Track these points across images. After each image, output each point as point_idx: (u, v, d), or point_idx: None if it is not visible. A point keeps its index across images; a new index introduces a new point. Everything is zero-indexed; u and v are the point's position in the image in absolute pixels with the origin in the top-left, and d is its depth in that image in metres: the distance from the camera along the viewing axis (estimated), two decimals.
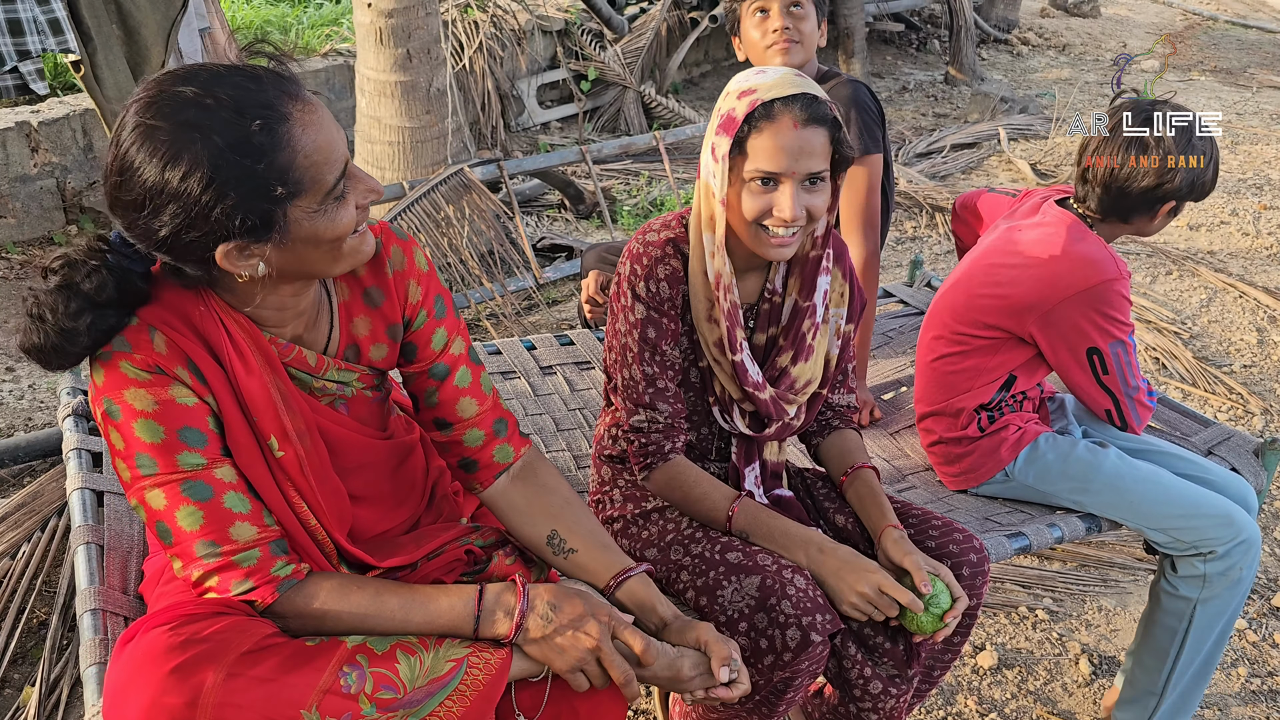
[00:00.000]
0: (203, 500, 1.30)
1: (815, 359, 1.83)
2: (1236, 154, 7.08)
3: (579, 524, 1.57)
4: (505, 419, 1.61)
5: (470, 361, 1.59)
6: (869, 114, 2.57)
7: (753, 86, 1.64)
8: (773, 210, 1.63)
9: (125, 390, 1.27)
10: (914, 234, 5.60)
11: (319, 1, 7.48)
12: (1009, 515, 2.23)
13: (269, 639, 1.29)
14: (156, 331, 1.29)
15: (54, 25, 3.11)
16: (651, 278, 1.74)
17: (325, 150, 1.23)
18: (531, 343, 2.84)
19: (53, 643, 2.47)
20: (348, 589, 1.38)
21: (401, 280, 1.50)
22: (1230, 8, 13.19)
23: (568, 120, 7.21)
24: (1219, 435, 2.46)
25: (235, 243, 1.21)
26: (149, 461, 1.29)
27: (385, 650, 1.31)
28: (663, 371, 1.76)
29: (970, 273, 2.28)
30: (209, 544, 1.30)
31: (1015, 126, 7.39)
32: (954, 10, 8.77)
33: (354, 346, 1.49)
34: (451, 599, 1.38)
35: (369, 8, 4.38)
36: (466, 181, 4.50)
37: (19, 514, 2.84)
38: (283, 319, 1.39)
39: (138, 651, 1.25)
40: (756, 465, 1.88)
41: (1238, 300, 4.88)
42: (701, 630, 1.47)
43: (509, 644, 1.38)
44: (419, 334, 1.53)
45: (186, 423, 1.30)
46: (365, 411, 1.54)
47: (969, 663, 2.68)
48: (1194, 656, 2.24)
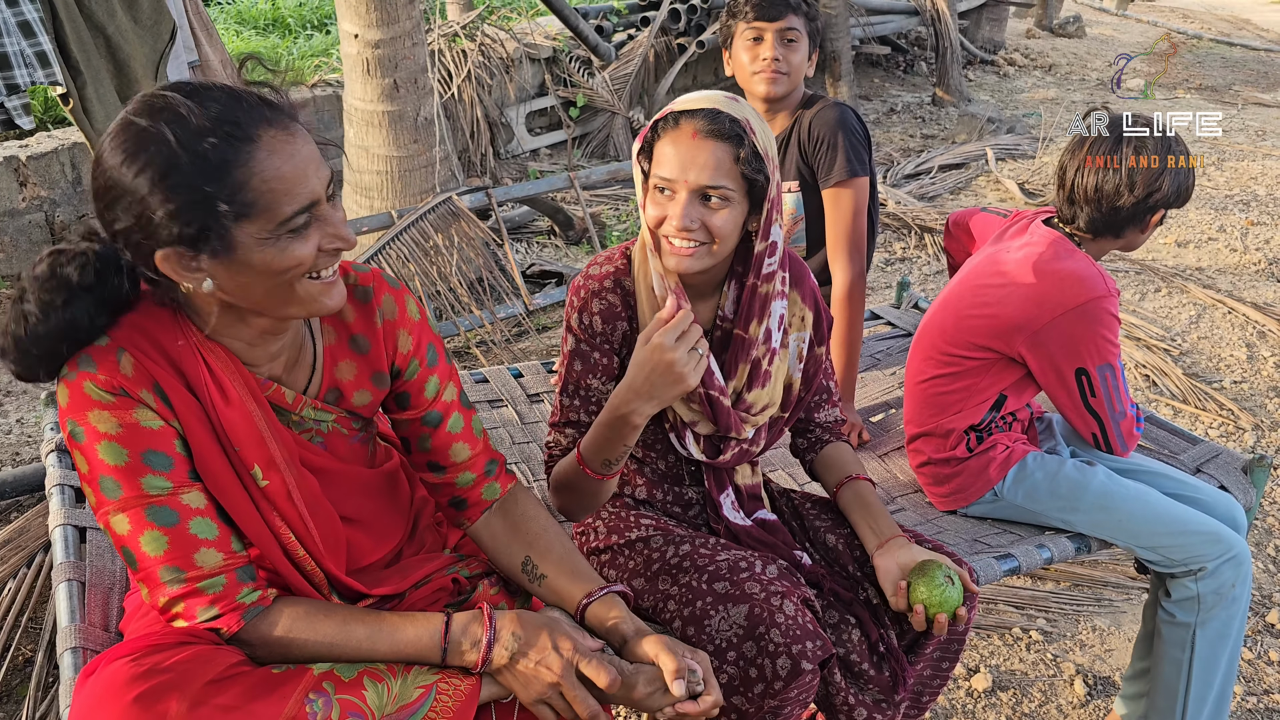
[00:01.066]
0: (168, 525, 1.29)
1: (773, 384, 1.83)
2: (1223, 170, 7.12)
3: (551, 550, 1.57)
4: (495, 459, 1.62)
5: (462, 407, 1.60)
6: (855, 137, 2.59)
7: (676, 101, 1.67)
8: (668, 218, 1.64)
9: (89, 412, 1.26)
10: (903, 255, 5.61)
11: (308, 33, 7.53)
12: (998, 536, 2.22)
13: (234, 668, 1.27)
14: (124, 353, 1.28)
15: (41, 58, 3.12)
16: (585, 311, 1.76)
17: (287, 180, 1.21)
18: (519, 370, 2.84)
19: (38, 680, 2.44)
20: (314, 617, 1.37)
21: (391, 330, 1.50)
22: (1214, 26, 13.32)
23: (557, 147, 7.24)
24: (1207, 453, 2.46)
25: (175, 249, 1.20)
26: (113, 485, 1.27)
27: (353, 677, 1.31)
28: (583, 405, 1.79)
29: (958, 294, 2.28)
30: (173, 569, 1.29)
31: (1003, 147, 7.44)
32: (940, 33, 8.86)
33: (336, 390, 1.49)
34: (418, 629, 1.37)
35: (356, 39, 4.40)
36: (455, 209, 4.51)
37: (4, 550, 2.82)
38: (255, 356, 1.38)
39: (99, 683, 1.24)
40: (730, 491, 1.88)
41: (1227, 316, 4.90)
42: (650, 643, 1.44)
43: (479, 673, 1.37)
44: (412, 383, 1.53)
45: (151, 446, 1.28)
46: (345, 449, 1.54)
47: (963, 685, 2.66)
48: (1205, 690, 2.20)
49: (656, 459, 1.90)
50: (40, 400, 3.73)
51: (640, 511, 1.91)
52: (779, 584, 1.66)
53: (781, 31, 2.52)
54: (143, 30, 3.38)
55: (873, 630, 1.74)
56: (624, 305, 1.77)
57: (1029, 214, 2.33)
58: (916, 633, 1.77)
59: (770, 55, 2.52)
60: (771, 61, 2.53)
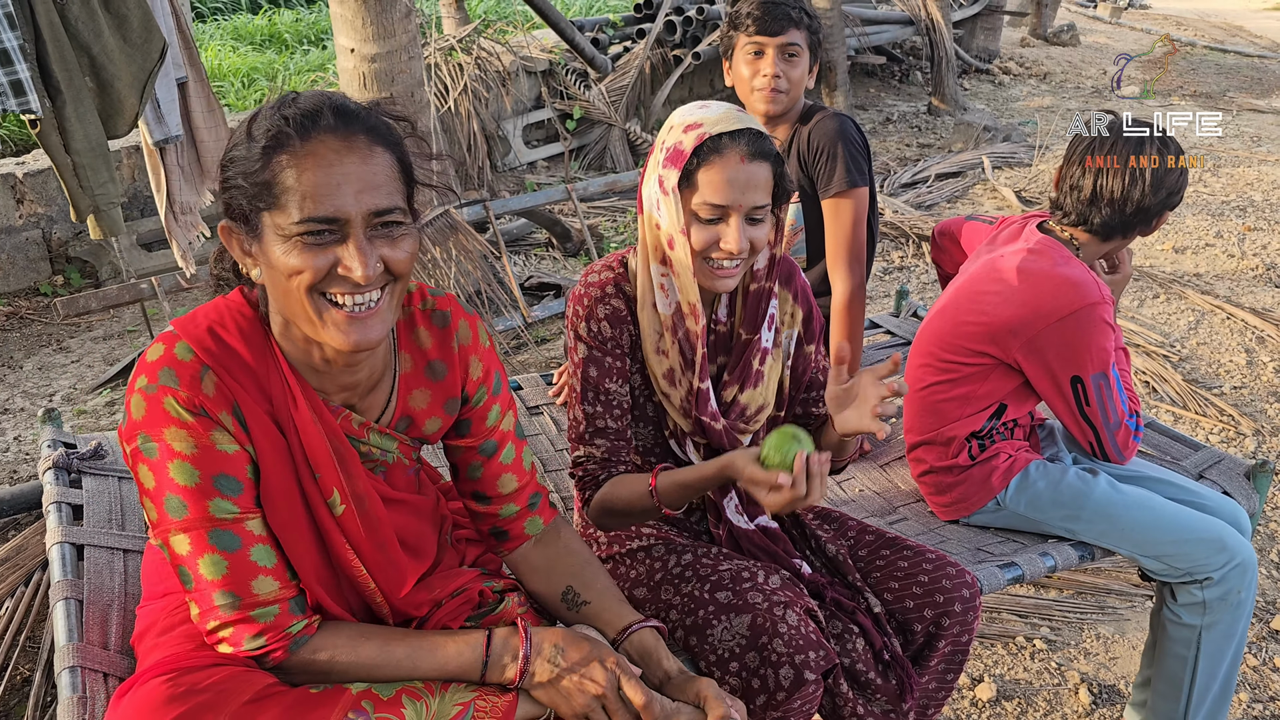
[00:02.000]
0: (230, 550, 1.28)
1: (765, 385, 1.84)
2: (1219, 176, 7.13)
3: (596, 581, 1.58)
4: (540, 492, 1.62)
5: (516, 438, 1.60)
6: (855, 147, 2.58)
7: (698, 120, 1.65)
8: (719, 243, 1.64)
9: (166, 429, 1.24)
10: (900, 264, 5.62)
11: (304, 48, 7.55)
12: (1001, 545, 2.21)
13: (270, 688, 1.27)
14: (209, 371, 1.27)
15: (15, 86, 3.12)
16: (592, 318, 1.75)
17: (313, 186, 1.20)
18: (518, 383, 2.83)
19: (36, 700, 2.42)
20: (356, 641, 1.37)
21: (465, 356, 1.50)
22: (1208, 33, 13.37)
23: (554, 159, 7.25)
24: (1210, 459, 2.45)
25: (231, 221, 1.27)
26: (179, 505, 1.26)
27: (390, 696, 1.30)
28: (606, 410, 1.77)
29: (955, 301, 2.28)
30: (229, 594, 1.28)
31: (999, 155, 7.45)
32: (935, 42, 8.88)
33: (408, 418, 1.48)
34: (459, 645, 1.37)
35: (352, 53, 4.40)
36: (453, 223, 4.50)
37: (2, 569, 2.80)
38: (325, 383, 1.37)
39: (136, 702, 1.24)
40: (733, 495, 1.87)
41: (1226, 322, 4.90)
42: (702, 686, 1.44)
43: (515, 689, 1.37)
44: (477, 410, 1.53)
45: (224, 469, 1.27)
46: (402, 480, 1.53)
47: (967, 695, 2.65)
48: (1209, 683, 2.21)
49: (656, 464, 1.90)
50: (37, 418, 3.72)
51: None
52: (782, 594, 1.65)
53: (783, 46, 2.52)
54: (132, 49, 3.38)
55: (876, 639, 1.73)
56: (628, 309, 1.77)
57: (1018, 218, 2.33)
58: (920, 643, 1.76)
59: (771, 71, 2.52)
60: (772, 79, 2.52)
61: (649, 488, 1.69)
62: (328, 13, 8.11)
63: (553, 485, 2.42)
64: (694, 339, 1.73)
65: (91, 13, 3.26)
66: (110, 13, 3.36)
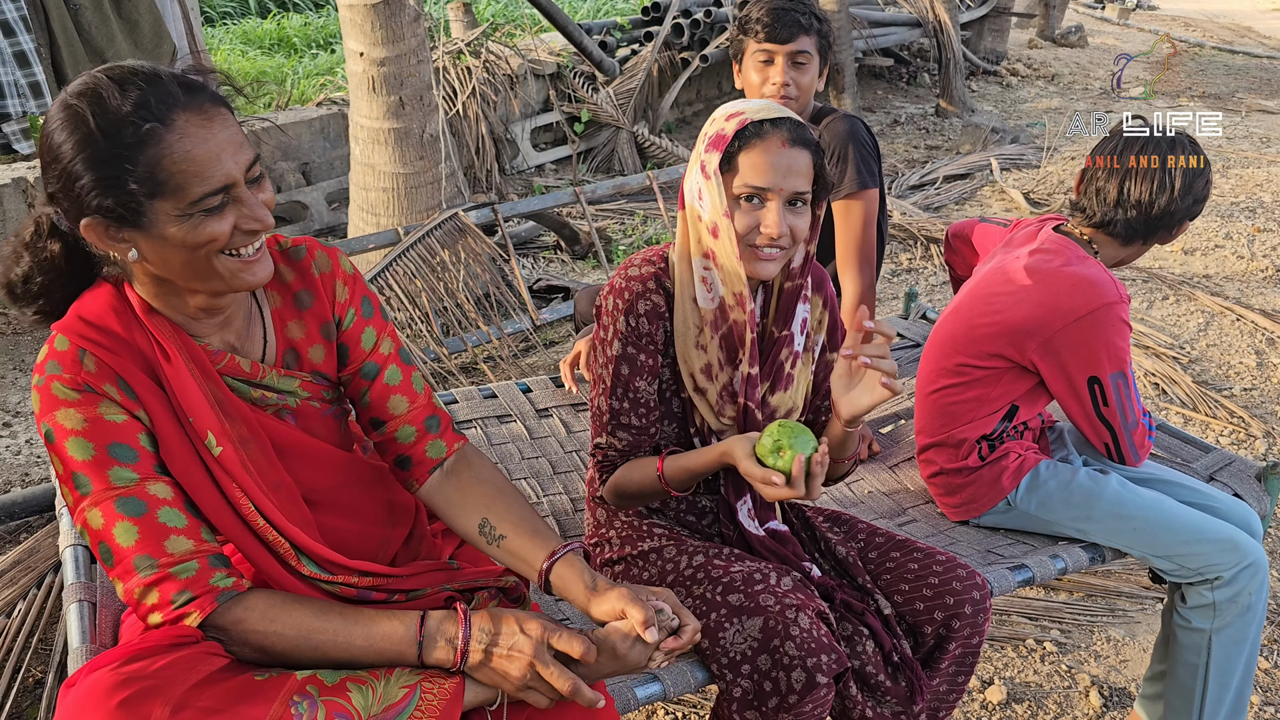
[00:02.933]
0: (137, 515, 1.31)
1: (795, 388, 1.85)
2: (1228, 178, 7.11)
3: (510, 511, 1.57)
4: (438, 415, 1.63)
5: (400, 361, 1.62)
6: (865, 148, 2.58)
7: (740, 109, 1.69)
8: (760, 226, 1.66)
9: (57, 411, 1.31)
10: (909, 266, 5.61)
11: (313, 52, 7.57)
12: (1011, 547, 2.21)
13: (216, 673, 1.28)
14: (87, 353, 1.33)
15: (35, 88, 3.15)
16: (632, 313, 1.76)
17: (198, 163, 1.26)
18: (527, 385, 2.83)
19: (48, 702, 2.43)
20: (288, 604, 1.38)
21: (329, 280, 1.55)
22: (1216, 34, 13.34)
23: (562, 162, 7.26)
24: (1220, 460, 2.45)
25: (97, 218, 1.27)
26: (85, 480, 1.31)
27: (336, 683, 1.31)
28: (633, 408, 1.79)
29: (968, 303, 2.27)
30: (146, 558, 1.31)
31: (1007, 156, 7.43)
32: (942, 44, 8.88)
33: (292, 351, 1.53)
34: (393, 623, 1.38)
35: (361, 57, 4.42)
36: (461, 226, 4.51)
37: (15, 571, 2.82)
38: (200, 329, 1.43)
39: (81, 693, 1.24)
40: (748, 499, 1.87)
41: (1235, 324, 4.88)
42: (614, 597, 1.43)
43: (458, 672, 1.37)
44: (349, 333, 1.57)
45: (115, 439, 1.32)
46: (318, 426, 1.56)
47: (977, 698, 2.64)
48: (1222, 693, 2.19)
49: None
50: None
51: (653, 520, 1.91)
52: (794, 596, 1.65)
53: (792, 54, 2.52)
54: (143, 54, 3.41)
55: (886, 641, 1.73)
56: (666, 306, 1.78)
57: (1033, 221, 2.32)
58: (930, 645, 1.76)
59: (780, 80, 2.52)
60: (781, 87, 2.52)
61: (657, 472, 1.75)
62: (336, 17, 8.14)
63: (561, 487, 2.42)
64: (740, 328, 1.74)
65: (104, 18, 3.28)
66: (122, 18, 3.39)
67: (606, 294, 1.80)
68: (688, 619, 1.46)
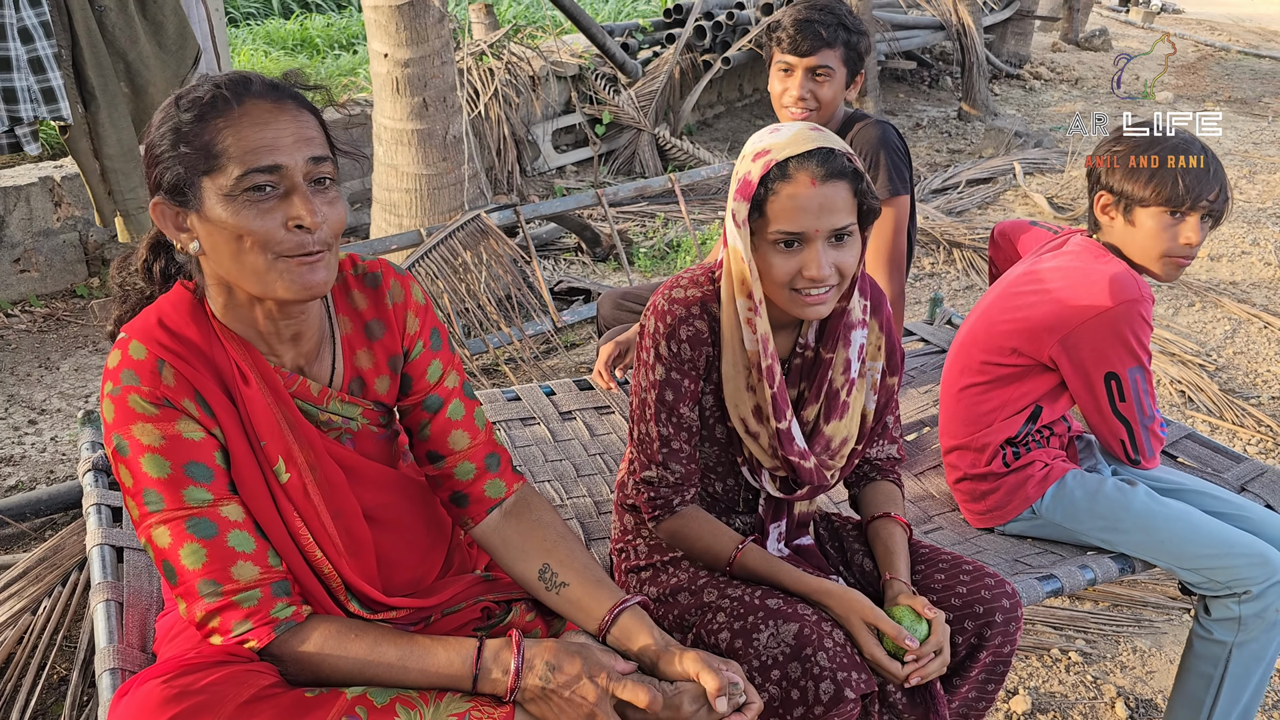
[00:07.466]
0: (206, 538, 1.30)
1: (850, 416, 1.79)
2: (1255, 184, 7.04)
3: (573, 558, 1.54)
4: (498, 453, 1.60)
5: (464, 396, 1.59)
6: (897, 154, 2.57)
7: (767, 147, 1.61)
8: (802, 271, 1.59)
9: (133, 425, 1.29)
10: (931, 270, 5.58)
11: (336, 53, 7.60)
12: (1039, 556, 2.19)
13: (266, 690, 1.28)
14: (165, 364, 1.31)
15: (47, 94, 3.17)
16: (674, 338, 1.71)
17: (253, 141, 1.26)
18: (550, 388, 2.83)
19: (73, 699, 2.44)
20: (345, 636, 1.37)
21: (400, 311, 1.52)
22: (1241, 38, 13.22)
23: (583, 164, 7.26)
24: (1252, 471, 2.42)
25: (161, 198, 1.30)
26: (156, 498, 1.29)
27: (385, 703, 1.30)
28: (676, 433, 1.75)
29: (993, 303, 2.26)
30: (211, 583, 1.30)
31: (1030, 161, 7.39)
32: (965, 47, 8.83)
33: (358, 379, 1.51)
34: (450, 653, 1.36)
35: (385, 58, 4.42)
36: (483, 227, 4.52)
37: (40, 568, 2.83)
38: (272, 346, 1.41)
39: (133, 704, 1.24)
40: (783, 521, 1.85)
41: (1263, 331, 4.83)
42: (689, 661, 1.42)
43: (510, 701, 1.36)
44: (414, 365, 1.55)
45: (193, 457, 1.31)
46: (373, 448, 1.55)
47: (1002, 708, 2.62)
48: (1231, 707, 2.16)
49: (715, 481, 1.88)
50: (76, 419, 3.77)
51: None
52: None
53: (812, 69, 2.50)
54: (166, 55, 3.42)
55: None
56: (710, 331, 1.73)
57: (1076, 231, 2.30)
58: (961, 655, 1.74)
59: (796, 94, 2.50)
60: (797, 100, 2.51)
61: (731, 555, 1.73)
62: (359, 18, 8.18)
63: (585, 490, 2.42)
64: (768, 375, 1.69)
65: (129, 20, 3.30)
66: (147, 19, 3.40)
67: (648, 314, 1.75)
68: (753, 696, 1.44)
